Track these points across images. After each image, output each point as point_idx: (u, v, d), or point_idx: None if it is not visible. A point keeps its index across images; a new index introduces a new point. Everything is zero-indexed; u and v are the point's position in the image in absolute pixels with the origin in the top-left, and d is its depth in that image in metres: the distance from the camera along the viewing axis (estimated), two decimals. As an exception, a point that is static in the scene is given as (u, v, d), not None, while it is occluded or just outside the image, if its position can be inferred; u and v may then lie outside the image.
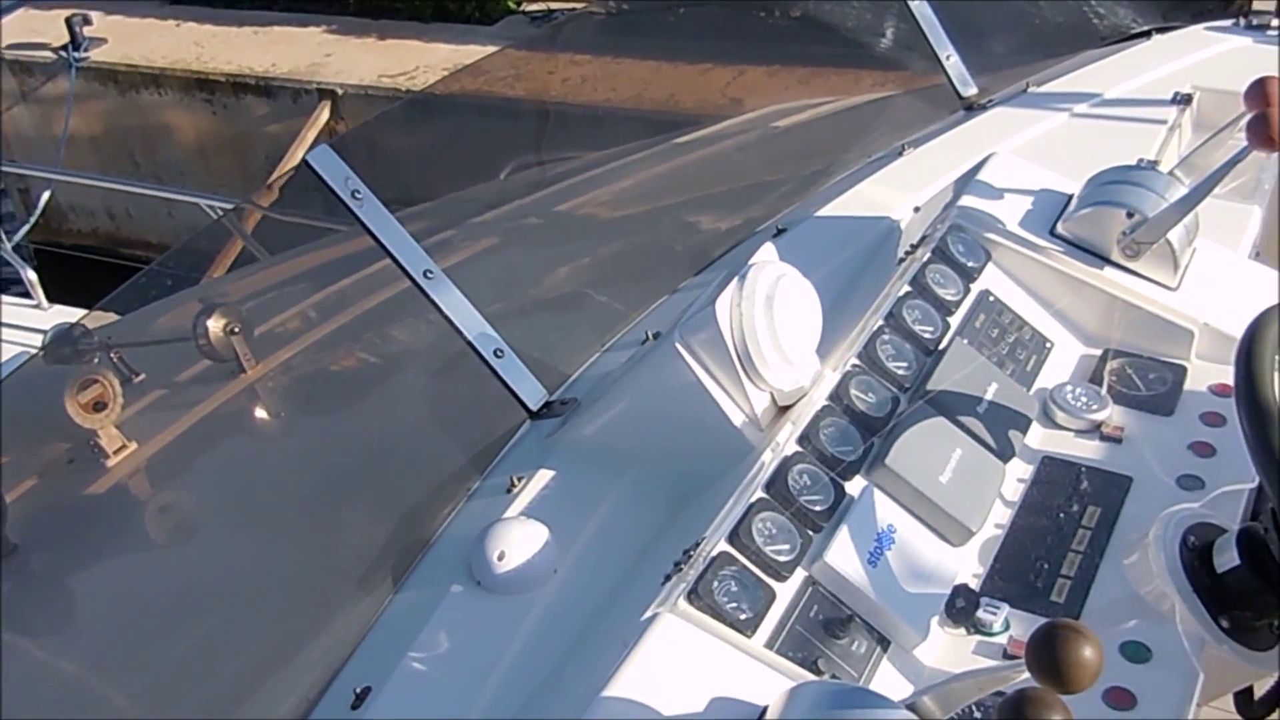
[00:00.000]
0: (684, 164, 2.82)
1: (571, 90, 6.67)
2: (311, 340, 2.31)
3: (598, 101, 6.45)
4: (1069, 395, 1.79)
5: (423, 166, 3.37)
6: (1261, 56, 2.76)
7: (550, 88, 6.72)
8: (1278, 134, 1.78)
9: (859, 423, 1.62)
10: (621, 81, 6.60)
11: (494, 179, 3.13)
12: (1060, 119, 2.54)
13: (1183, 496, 1.64)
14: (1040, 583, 1.54)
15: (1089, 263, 1.92)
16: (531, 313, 2.22)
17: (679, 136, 3.10)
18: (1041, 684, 1.06)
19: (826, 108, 2.99)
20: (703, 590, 1.35)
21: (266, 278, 3.13)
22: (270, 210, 3.62)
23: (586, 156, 3.15)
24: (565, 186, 2.89)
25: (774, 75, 5.59)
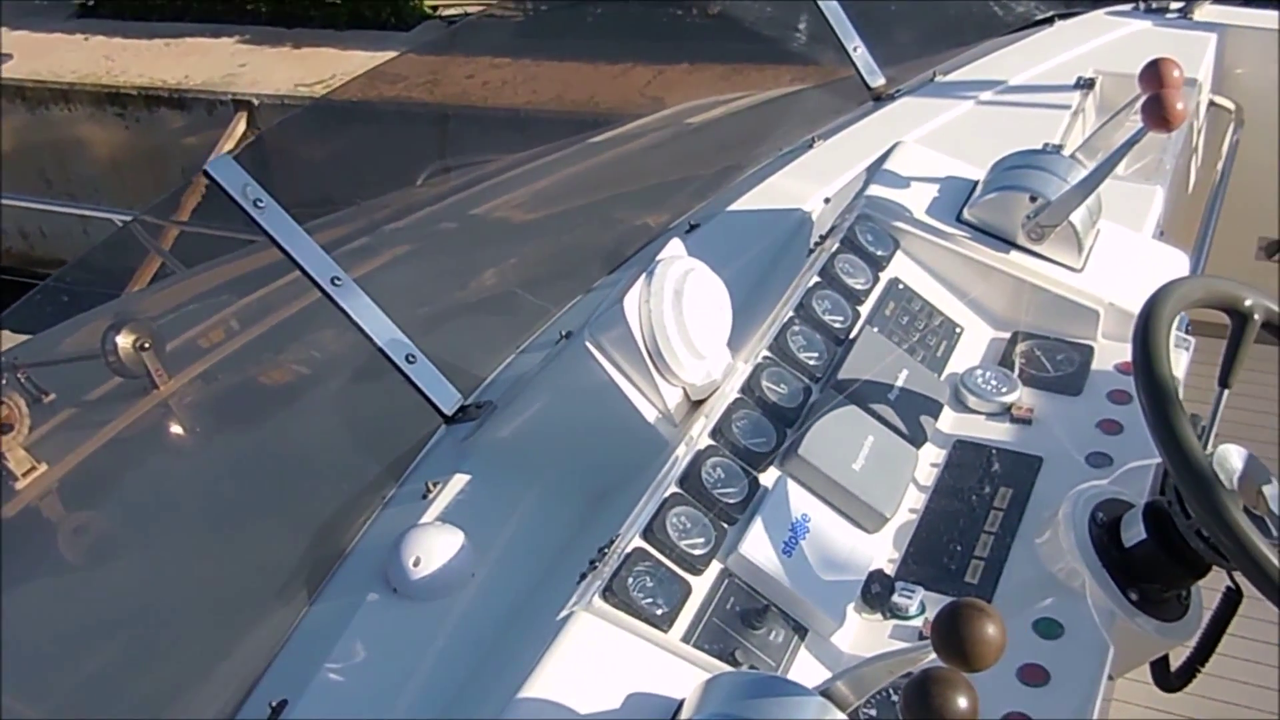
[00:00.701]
0: (599, 163, 2.82)
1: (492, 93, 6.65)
2: (225, 353, 2.28)
3: (518, 104, 6.43)
4: (979, 379, 1.81)
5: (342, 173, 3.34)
6: (1161, 39, 2.82)
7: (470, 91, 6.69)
8: (1172, 114, 1.82)
9: (771, 414, 1.62)
10: (542, 83, 6.59)
11: (412, 184, 3.11)
12: (966, 107, 2.57)
13: (1091, 474, 1.67)
14: (954, 565, 1.56)
15: (995, 247, 1.95)
16: (446, 317, 2.20)
17: (594, 136, 3.10)
18: (948, 663, 1.07)
19: (739, 104, 3.00)
20: (617, 587, 1.35)
21: (181, 292, 3.08)
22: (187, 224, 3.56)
23: (504, 159, 3.14)
24: (481, 190, 2.88)
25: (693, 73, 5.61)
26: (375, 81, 5.78)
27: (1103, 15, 2.91)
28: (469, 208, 2.79)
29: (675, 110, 3.14)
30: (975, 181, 2.02)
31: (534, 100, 6.41)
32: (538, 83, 6.55)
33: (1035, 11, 2.92)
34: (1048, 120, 2.50)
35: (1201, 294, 1.53)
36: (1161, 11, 2.91)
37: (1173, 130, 1.82)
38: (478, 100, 6.38)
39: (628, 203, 2.57)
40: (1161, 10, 2.92)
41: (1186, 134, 2.57)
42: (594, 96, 6.60)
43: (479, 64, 6.41)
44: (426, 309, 2.14)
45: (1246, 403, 2.91)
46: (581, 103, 6.36)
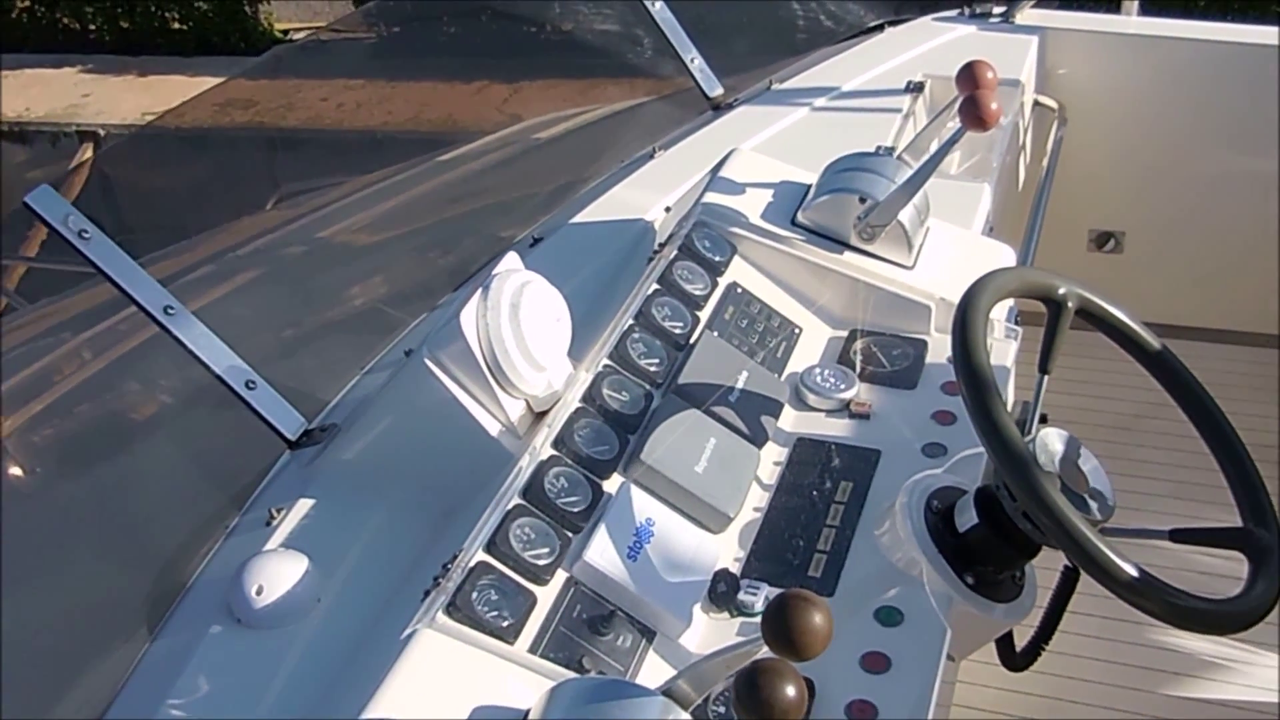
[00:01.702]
0: (446, 182, 2.82)
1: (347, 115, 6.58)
2: (61, 391, 2.21)
3: (374, 125, 6.37)
4: (818, 377, 1.86)
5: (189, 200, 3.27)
6: (986, 42, 2.93)
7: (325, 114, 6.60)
8: (987, 114, 1.89)
9: (613, 422, 1.64)
10: (398, 103, 6.54)
11: (260, 209, 3.06)
12: (802, 113, 2.64)
13: (927, 464, 1.72)
14: (797, 560, 1.59)
15: (829, 249, 2.00)
16: (291, 342, 2.18)
17: (441, 155, 3.09)
18: (778, 654, 1.10)
19: (583, 118, 3.03)
20: (461, 602, 1.35)
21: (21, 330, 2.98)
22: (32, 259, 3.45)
23: (355, 180, 3.12)
24: (329, 212, 2.85)
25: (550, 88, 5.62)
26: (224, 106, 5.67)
27: (930, 21, 3.01)
28: (316, 231, 2.76)
29: (521, 126, 3.15)
30: (809, 186, 2.07)
31: (390, 121, 6.36)
32: (393, 103, 6.49)
33: (866, 19, 3.01)
34: (880, 124, 2.57)
35: (1016, 285, 1.60)
36: (985, 16, 3.03)
37: (988, 129, 1.89)
38: (332, 122, 6.31)
39: (474, 219, 2.58)
40: (985, 15, 3.03)
41: (1012, 133, 2.67)
42: (451, 115, 6.58)
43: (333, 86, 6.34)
44: (270, 334, 2.11)
45: (1085, 388, 3.03)
46: (439, 122, 6.33)
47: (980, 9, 3.03)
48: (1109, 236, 3.24)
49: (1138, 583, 1.36)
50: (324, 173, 4.68)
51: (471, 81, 6.62)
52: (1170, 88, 3.00)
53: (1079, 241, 3.26)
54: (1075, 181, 3.14)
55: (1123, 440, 2.88)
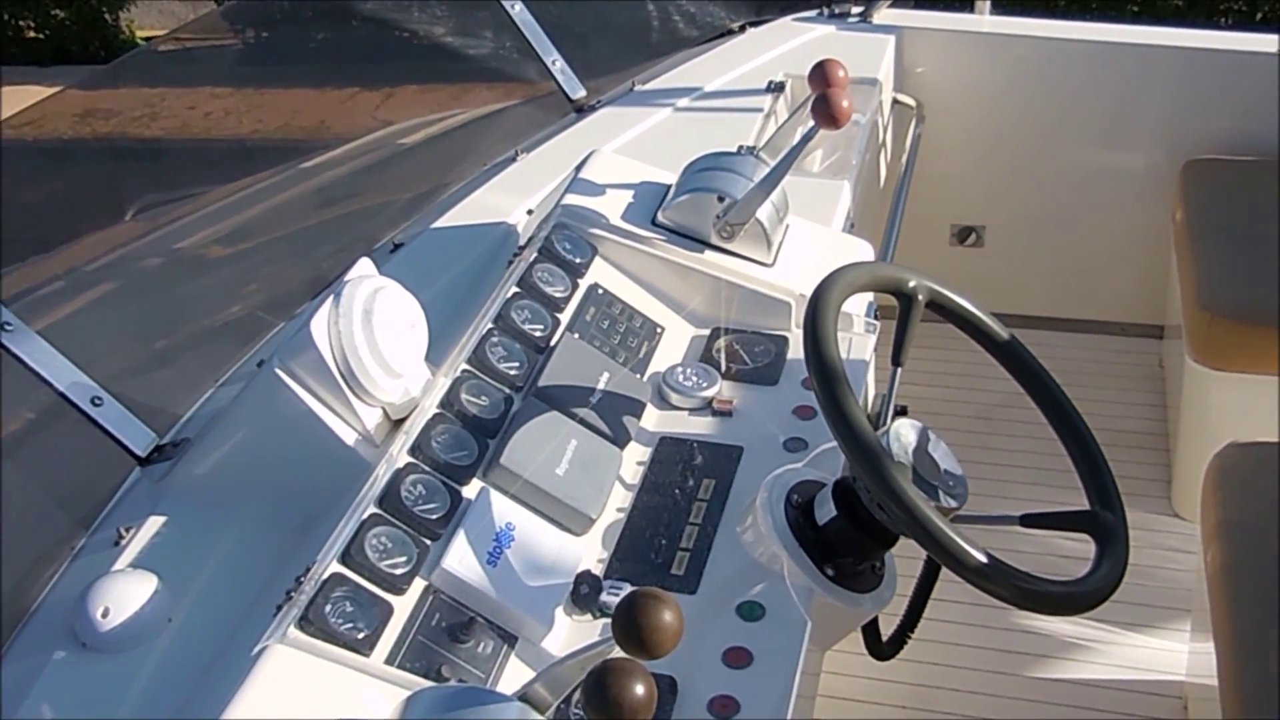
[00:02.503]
0: (307, 189, 2.77)
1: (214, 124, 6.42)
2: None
3: (243, 133, 6.23)
4: (680, 376, 1.86)
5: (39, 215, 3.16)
6: (844, 41, 2.98)
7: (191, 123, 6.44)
8: (838, 112, 1.91)
9: (472, 427, 1.62)
10: (268, 111, 6.40)
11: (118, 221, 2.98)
12: (665, 114, 2.65)
13: (789, 458, 1.74)
14: (660, 559, 1.59)
15: (690, 248, 2.01)
16: (144, 356, 2.11)
17: (304, 162, 3.04)
18: (629, 653, 1.09)
19: (447, 122, 3.00)
20: (314, 615, 1.33)
21: None
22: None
23: (215, 190, 3.05)
24: (186, 223, 2.78)
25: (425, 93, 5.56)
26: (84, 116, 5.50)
27: (790, 21, 3.05)
28: (173, 242, 2.69)
29: (384, 133, 3.11)
30: (669, 186, 2.08)
31: (260, 129, 6.22)
32: (263, 111, 6.36)
33: (727, 21, 3.03)
34: (742, 123, 2.59)
35: (866, 279, 1.62)
36: (844, 16, 3.07)
37: (840, 126, 1.91)
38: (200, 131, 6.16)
39: (335, 227, 2.53)
40: (844, 15, 3.08)
41: (872, 131, 2.71)
42: (323, 122, 6.46)
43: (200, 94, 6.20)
44: (122, 349, 2.05)
45: (950, 380, 3.10)
46: (310, 129, 6.21)
47: (839, 9, 3.08)
48: (970, 231, 3.32)
49: (986, 568, 1.39)
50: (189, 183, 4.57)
51: (343, 88, 6.52)
52: (1024, 85, 3.08)
53: (942, 236, 3.33)
54: (936, 177, 3.20)
55: (986, 430, 2.95)
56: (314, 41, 5.54)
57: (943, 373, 3.08)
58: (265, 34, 5.83)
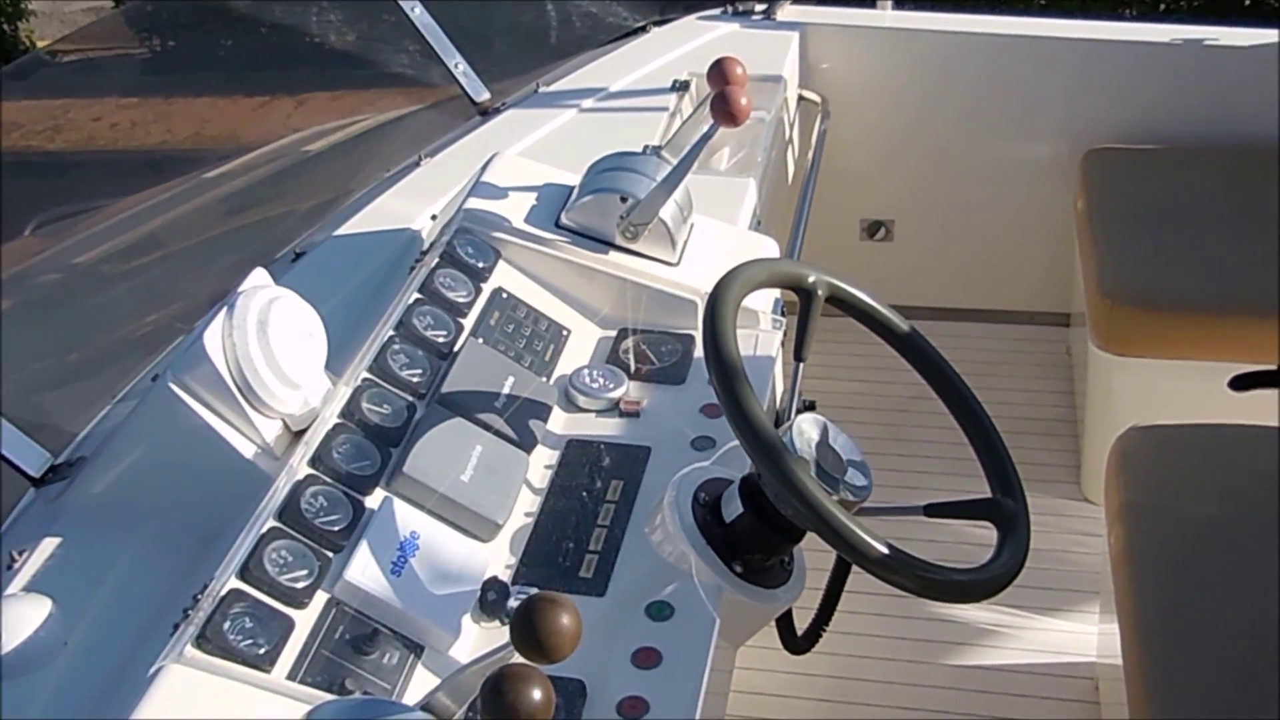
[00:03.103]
0: (208, 201, 2.73)
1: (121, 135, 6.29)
2: None
3: (151, 144, 6.11)
4: (587, 378, 1.85)
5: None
6: (749, 39, 2.99)
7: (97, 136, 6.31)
8: (736, 109, 1.92)
9: (375, 436, 1.61)
10: (177, 121, 6.29)
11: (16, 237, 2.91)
12: (570, 115, 2.64)
13: (696, 457, 1.74)
14: (569, 562, 1.58)
15: (594, 249, 2.00)
16: (37, 374, 2.07)
17: (207, 172, 2.99)
18: (528, 659, 1.09)
19: (352, 129, 2.97)
20: (212, 633, 1.30)
21: None
22: None
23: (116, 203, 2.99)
24: (85, 237, 2.72)
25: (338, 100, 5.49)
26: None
27: (694, 20, 3.06)
28: (71, 257, 2.63)
29: (287, 141, 3.07)
30: (573, 187, 2.07)
31: (169, 140, 6.11)
32: (173, 121, 6.24)
33: (632, 20, 3.03)
34: (647, 123, 2.59)
35: (765, 276, 1.62)
36: (748, 14, 3.09)
37: (739, 124, 1.92)
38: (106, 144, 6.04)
39: (235, 238, 2.50)
40: (748, 13, 3.09)
41: (777, 127, 2.73)
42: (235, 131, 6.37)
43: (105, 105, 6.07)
44: (15, 368, 2.00)
45: (865, 373, 3.12)
46: (222, 139, 6.11)
47: (743, 7, 3.09)
48: (879, 225, 3.35)
49: (888, 559, 1.39)
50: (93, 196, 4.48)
51: (253, 96, 6.43)
52: (928, 79, 3.11)
53: (852, 231, 3.36)
54: (844, 173, 3.23)
55: (902, 421, 2.98)
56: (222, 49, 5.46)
57: (859, 366, 3.11)
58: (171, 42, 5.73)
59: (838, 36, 3.05)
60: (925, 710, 2.35)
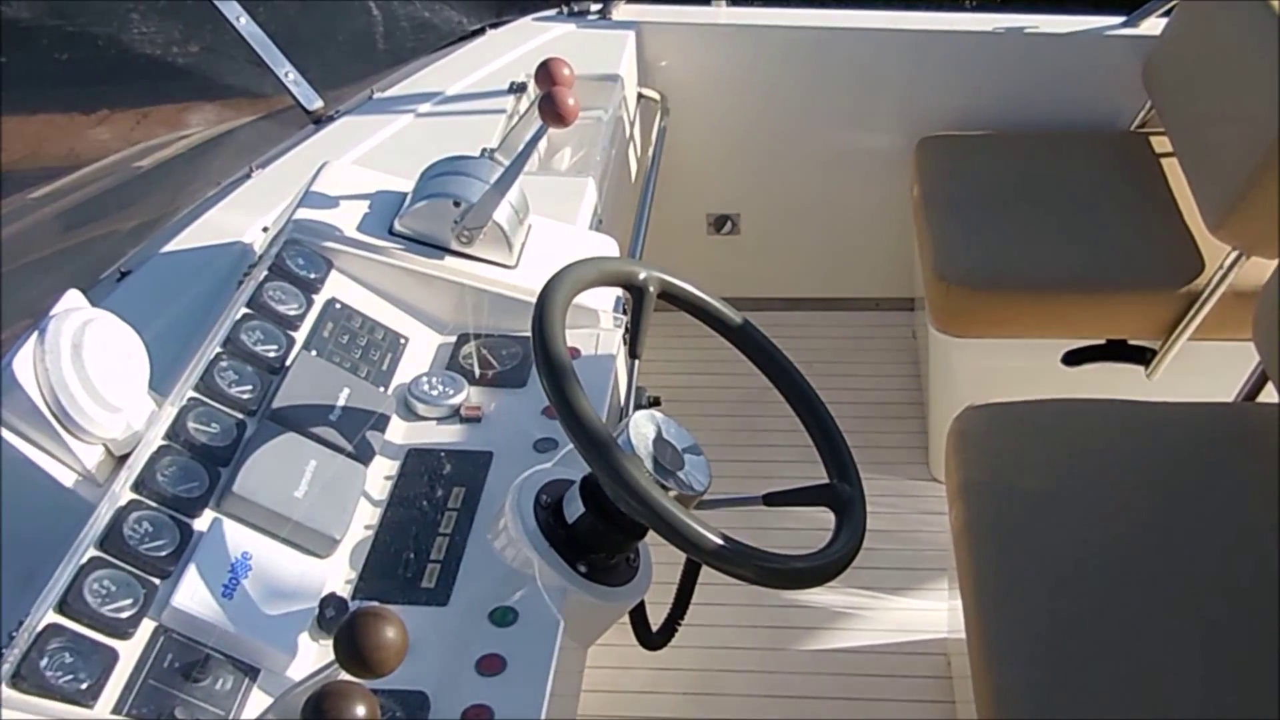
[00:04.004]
0: (33, 222, 2.63)
1: (-50, 157, 6.02)
2: None
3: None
4: (426, 385, 1.83)
5: None
6: (585, 39, 2.99)
7: (-74, 159, 6.03)
8: (564, 109, 1.91)
9: (202, 456, 1.56)
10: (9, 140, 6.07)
11: None
12: (406, 121, 2.61)
13: (539, 459, 1.73)
14: (410, 573, 1.56)
15: (430, 255, 1.98)
16: None
17: (33, 191, 2.88)
18: (353, 674, 1.07)
19: (181, 143, 2.89)
20: (28, 670, 1.25)
21: None
22: None
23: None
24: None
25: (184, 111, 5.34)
26: None
27: (530, 22, 3.05)
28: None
29: (116, 158, 2.98)
30: (406, 194, 2.04)
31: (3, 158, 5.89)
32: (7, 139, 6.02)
33: (467, 23, 3.01)
34: (485, 126, 2.58)
35: (594, 276, 1.62)
36: (584, 14, 3.09)
37: (568, 124, 1.91)
38: (-71, 167, 5.79)
39: (55, 260, 2.41)
40: (584, 13, 3.09)
41: (616, 126, 2.73)
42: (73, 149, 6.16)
43: (-71, 126, 5.82)
44: None
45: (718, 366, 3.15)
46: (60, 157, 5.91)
47: (578, 7, 3.09)
48: (725, 219, 3.38)
49: (725, 551, 1.40)
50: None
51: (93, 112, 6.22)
52: (765, 73, 3.15)
53: (699, 226, 3.39)
54: (689, 168, 3.25)
55: (754, 413, 3.01)
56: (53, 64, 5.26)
57: (709, 360, 3.13)
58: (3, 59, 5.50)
59: (674, 34, 3.07)
60: (785, 695, 2.38)
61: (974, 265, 2.60)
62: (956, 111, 3.13)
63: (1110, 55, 2.99)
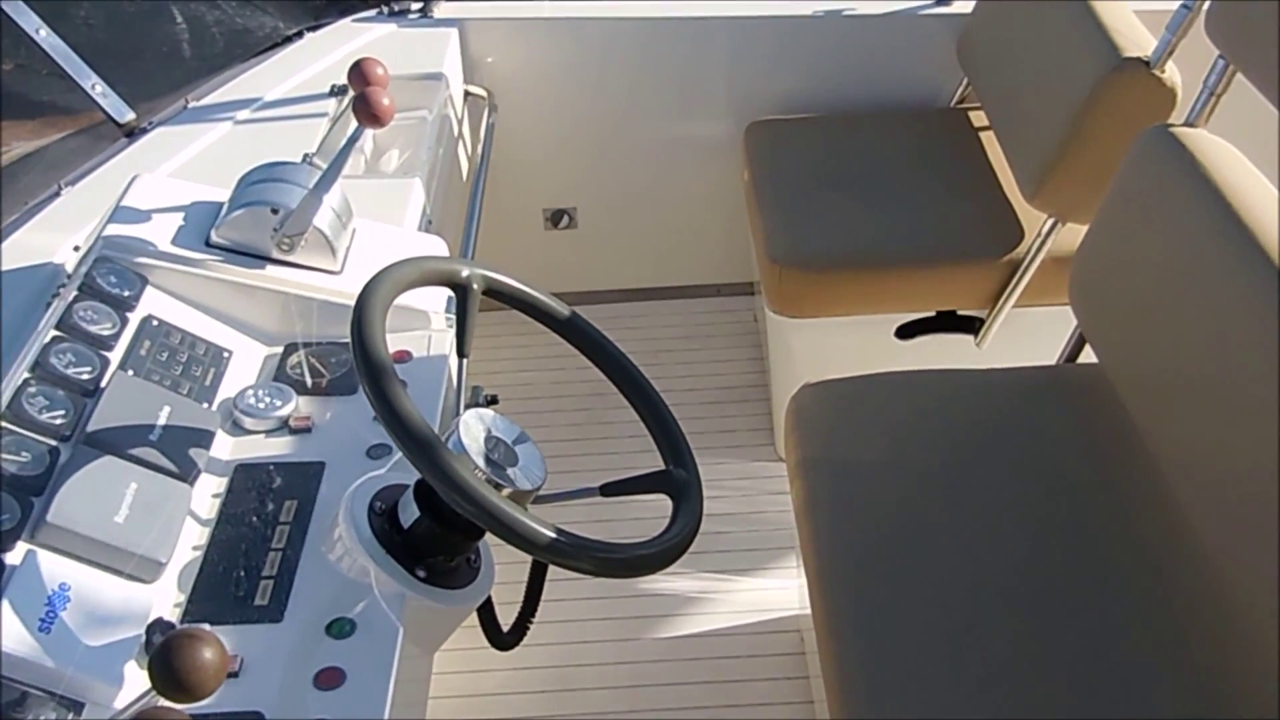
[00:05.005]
0: None
1: None
2: None
3: None
4: (252, 398, 1.79)
5: None
6: (407, 39, 2.95)
7: None
8: (379, 110, 1.88)
9: (13, 486, 1.50)
10: None
11: None
12: (224, 129, 2.54)
13: (372, 466, 1.70)
14: (242, 591, 1.52)
15: (250, 265, 1.93)
16: None
17: None
18: (171, 700, 1.03)
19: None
20: None
21: None
22: None
23: None
24: None
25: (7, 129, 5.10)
26: None
27: (349, 23, 2.99)
28: None
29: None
30: (222, 204, 1.99)
31: None
32: None
33: (285, 27, 2.94)
34: (306, 131, 2.52)
35: (415, 276, 1.60)
36: (404, 14, 3.04)
37: (384, 125, 1.88)
38: None
39: None
40: (404, 12, 3.05)
41: (444, 125, 2.70)
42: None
43: None
44: None
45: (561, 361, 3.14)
46: None
47: (398, 7, 3.05)
48: (562, 214, 3.37)
49: (562, 545, 1.39)
50: None
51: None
52: (593, 66, 3.15)
53: (536, 221, 3.37)
54: (523, 164, 3.24)
55: (602, 405, 3.01)
56: None
57: (553, 355, 3.12)
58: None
59: (498, 30, 3.05)
60: (643, 685, 2.39)
61: (804, 246, 2.64)
62: (783, 96, 3.17)
63: (926, 34, 3.07)
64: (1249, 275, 1.68)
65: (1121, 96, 2.27)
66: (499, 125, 3.10)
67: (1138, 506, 1.92)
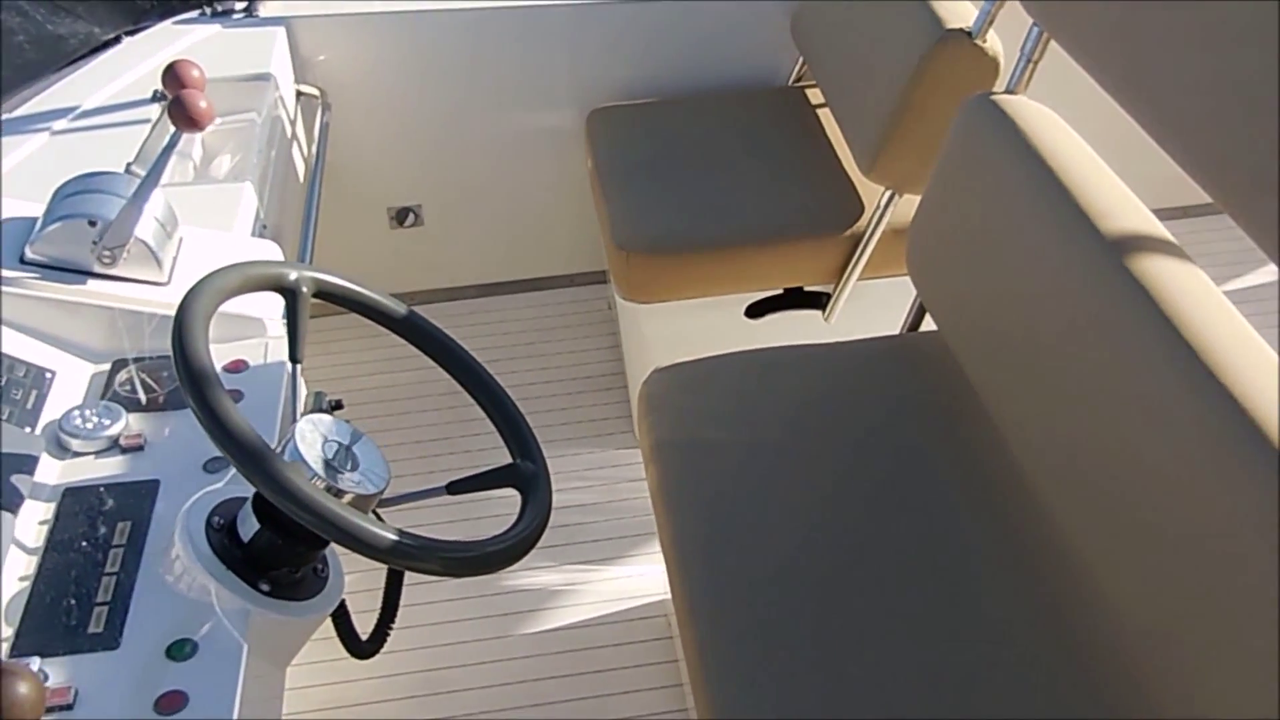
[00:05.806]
0: None
1: None
2: None
3: None
4: (78, 419, 1.72)
5: None
6: (232, 39, 2.86)
7: None
8: (196, 113, 1.82)
9: None
10: None
11: None
12: (40, 140, 2.43)
13: (210, 480, 1.65)
14: (74, 620, 1.46)
15: (70, 281, 1.85)
16: None
17: None
18: (-15, 743, 0.98)
19: None
20: None
21: None
22: None
23: None
24: None
25: None
26: None
27: (170, 26, 2.89)
28: None
29: None
30: (37, 218, 1.90)
31: None
32: None
33: (102, 32, 2.83)
34: (128, 139, 2.43)
35: (239, 282, 1.55)
36: (228, 14, 2.95)
37: (202, 128, 1.82)
38: None
39: None
40: (228, 13, 2.95)
41: (275, 126, 2.63)
42: None
43: None
44: None
45: (413, 362, 3.09)
46: None
47: (222, 7, 2.95)
48: (408, 211, 3.32)
49: (406, 548, 1.36)
50: None
51: None
52: (429, 60, 3.10)
53: (381, 221, 3.31)
54: (364, 164, 3.17)
55: (456, 403, 2.97)
56: None
57: (399, 356, 3.08)
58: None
59: (327, 28, 2.98)
60: (514, 682, 2.36)
61: (649, 231, 2.64)
62: (622, 82, 3.16)
63: (761, 14, 3.09)
64: (1069, 235, 1.73)
65: (946, 67, 2.31)
66: (336, 125, 3.03)
67: (981, 467, 1.96)
